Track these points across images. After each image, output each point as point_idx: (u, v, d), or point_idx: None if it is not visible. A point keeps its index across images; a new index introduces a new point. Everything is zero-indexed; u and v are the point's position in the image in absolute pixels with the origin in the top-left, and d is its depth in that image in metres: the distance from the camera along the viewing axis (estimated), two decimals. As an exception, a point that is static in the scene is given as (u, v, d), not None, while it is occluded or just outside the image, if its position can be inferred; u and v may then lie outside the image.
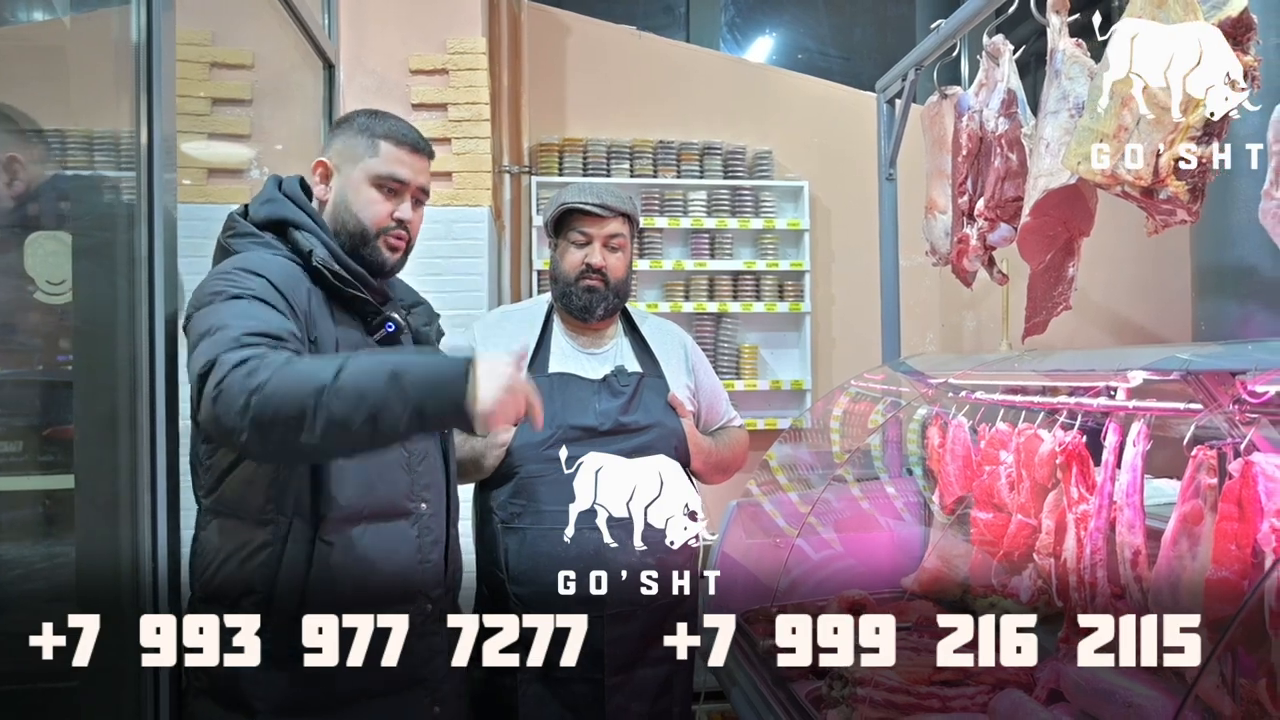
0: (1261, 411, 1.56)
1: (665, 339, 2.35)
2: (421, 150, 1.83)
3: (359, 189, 1.77)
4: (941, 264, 2.82)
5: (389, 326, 1.76)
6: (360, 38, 3.49)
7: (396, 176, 1.78)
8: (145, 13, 1.56)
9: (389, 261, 1.80)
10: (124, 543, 1.53)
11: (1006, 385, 2.42)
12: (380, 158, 1.77)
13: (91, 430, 1.61)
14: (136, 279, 1.57)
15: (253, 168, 3.37)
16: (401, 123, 1.84)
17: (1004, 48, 2.39)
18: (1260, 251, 3.43)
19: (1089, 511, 2.00)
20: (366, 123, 1.80)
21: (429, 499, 1.77)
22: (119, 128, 1.63)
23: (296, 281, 1.65)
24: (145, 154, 1.56)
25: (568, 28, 4.66)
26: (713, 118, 4.74)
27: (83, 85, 1.81)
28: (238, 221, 1.74)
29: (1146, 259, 4.67)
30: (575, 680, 2.02)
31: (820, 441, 3.43)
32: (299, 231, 1.72)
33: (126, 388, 1.57)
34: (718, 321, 4.62)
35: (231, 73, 3.34)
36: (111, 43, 1.58)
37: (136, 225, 1.56)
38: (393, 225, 1.78)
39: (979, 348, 4.91)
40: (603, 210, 2.20)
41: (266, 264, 1.63)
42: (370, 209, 1.77)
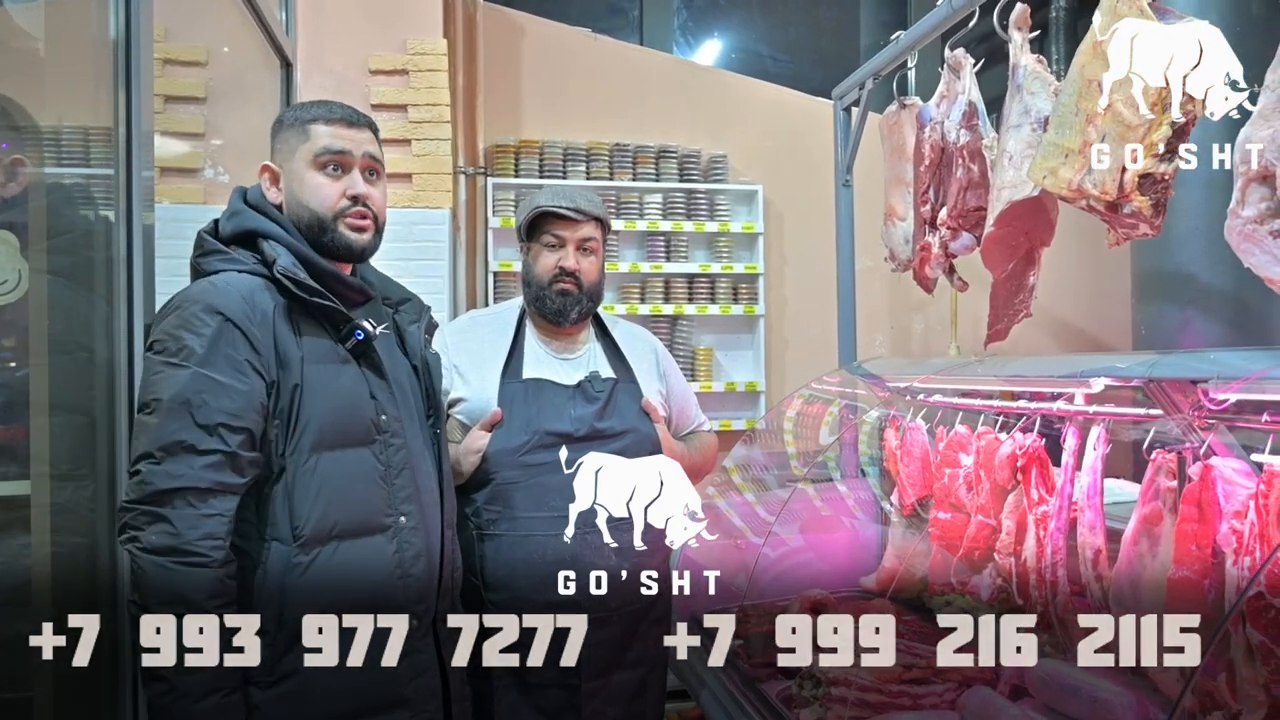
0: (1219, 418, 1.63)
1: (637, 344, 2.37)
2: (356, 122, 1.76)
3: (303, 178, 1.72)
4: (901, 270, 2.88)
5: (358, 335, 1.72)
6: (319, 36, 3.46)
7: (333, 149, 1.72)
8: (124, 5, 1.53)
9: (356, 243, 1.74)
10: (101, 551, 1.51)
11: (964, 390, 2.49)
12: (313, 138, 1.72)
13: (62, 432, 1.57)
14: (114, 279, 1.54)
15: (207, 167, 3.31)
16: (330, 103, 1.77)
17: (965, 60, 2.45)
18: (1199, 259, 3.57)
19: (1049, 512, 2.07)
20: (295, 114, 1.76)
21: (409, 511, 1.72)
22: (96, 123, 1.60)
23: (259, 306, 1.62)
24: (124, 150, 1.53)
25: (523, 29, 4.66)
26: (668, 121, 4.78)
27: (58, 78, 1.77)
28: (206, 240, 1.70)
29: (1086, 264, 4.82)
30: (552, 686, 2.03)
31: (779, 444, 3.48)
32: (266, 241, 1.68)
33: (104, 389, 1.55)
34: (673, 324, 4.66)
35: (185, 70, 3.28)
36: (90, 35, 1.55)
37: (115, 226, 1.54)
38: (348, 204, 1.72)
39: (927, 350, 5.01)
40: (576, 214, 2.21)
41: (225, 295, 1.60)
42: (318, 193, 1.72)
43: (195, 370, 1.53)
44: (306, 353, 1.65)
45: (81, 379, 1.61)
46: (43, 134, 1.66)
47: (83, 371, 1.60)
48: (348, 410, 1.68)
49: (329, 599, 1.57)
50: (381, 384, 1.74)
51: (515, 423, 2.13)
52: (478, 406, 2.15)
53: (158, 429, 1.50)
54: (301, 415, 1.61)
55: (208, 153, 3.30)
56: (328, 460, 1.63)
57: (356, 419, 1.68)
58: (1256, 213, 1.41)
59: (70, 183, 1.74)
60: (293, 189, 1.74)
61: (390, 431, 1.72)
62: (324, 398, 1.64)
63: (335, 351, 1.70)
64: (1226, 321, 3.53)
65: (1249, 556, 1.47)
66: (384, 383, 1.75)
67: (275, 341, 1.62)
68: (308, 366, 1.64)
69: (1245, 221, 1.43)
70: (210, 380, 1.54)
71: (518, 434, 2.12)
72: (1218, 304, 3.56)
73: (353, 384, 1.70)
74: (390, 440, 1.72)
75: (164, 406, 1.51)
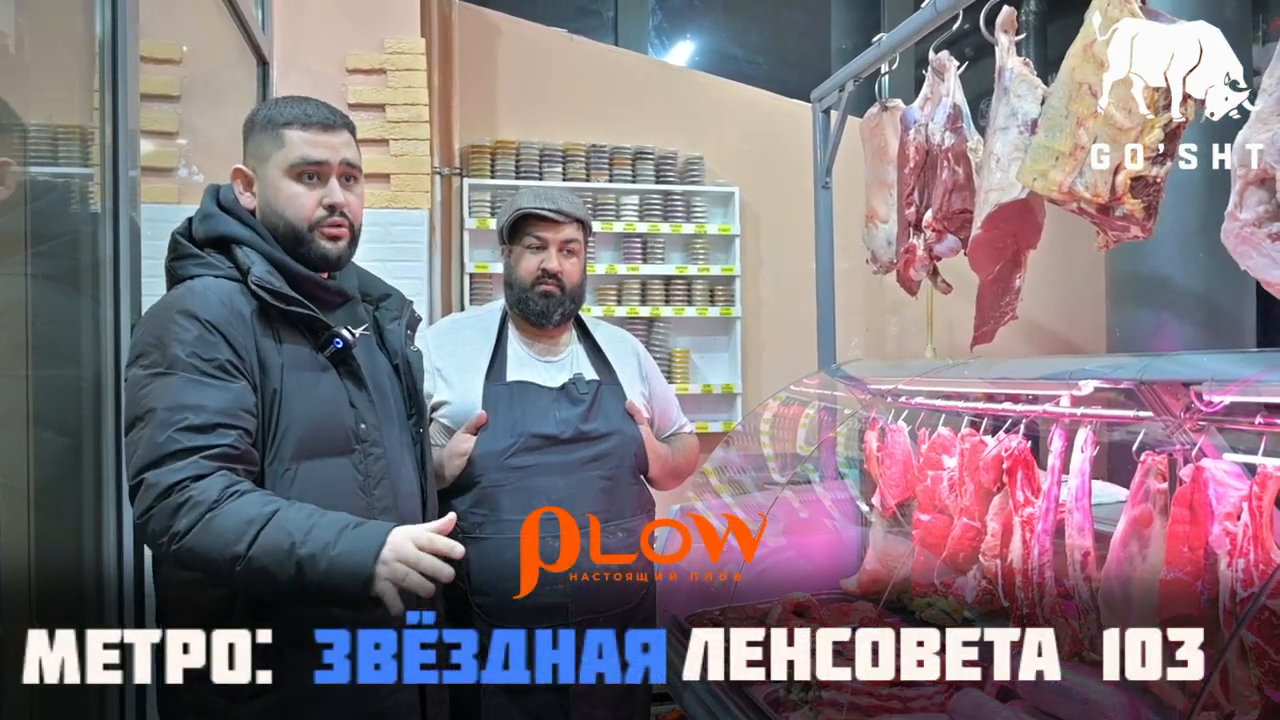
0: (1211, 420, 1.64)
1: (619, 346, 2.36)
2: (334, 125, 1.70)
3: (278, 187, 1.67)
4: (882, 272, 2.89)
5: (336, 343, 1.68)
6: (295, 34, 3.41)
7: (310, 159, 1.66)
8: (110, 2, 1.49)
9: (331, 253, 1.70)
10: (87, 556, 1.47)
11: (950, 392, 2.49)
12: (288, 146, 1.65)
13: (50, 434, 1.53)
14: (101, 279, 1.51)
15: (181, 166, 3.25)
16: (306, 102, 1.71)
17: (949, 63, 2.46)
18: (1173, 262, 3.61)
19: (1035, 514, 2.07)
20: (268, 114, 1.69)
21: (388, 520, 1.67)
22: (79, 122, 1.56)
23: (237, 310, 1.59)
24: (110, 150, 1.50)
25: (498, 29, 4.63)
26: (644, 122, 4.77)
27: (41, 78, 1.73)
28: (180, 243, 1.66)
29: (1058, 268, 4.85)
30: (540, 689, 2.01)
31: (759, 447, 3.48)
32: (240, 248, 1.64)
33: (90, 392, 1.51)
34: (649, 326, 4.65)
35: (159, 67, 3.21)
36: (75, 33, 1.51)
37: (101, 225, 1.50)
38: (324, 214, 1.67)
39: (902, 352, 5.04)
40: (558, 215, 2.20)
41: (205, 300, 1.57)
42: (294, 204, 1.66)
43: (182, 376, 1.50)
44: (286, 360, 1.62)
45: (67, 383, 1.56)
46: (28, 133, 1.61)
47: (69, 375, 1.56)
48: (327, 419, 1.65)
49: (309, 611, 1.53)
50: (360, 393, 1.71)
51: (500, 425, 2.11)
52: (461, 410, 2.13)
53: (153, 438, 1.46)
54: (280, 423, 1.59)
55: (182, 152, 3.24)
56: (306, 469, 1.60)
57: (336, 428, 1.66)
58: (1255, 216, 1.42)
59: (56, 182, 1.69)
60: (267, 196, 1.68)
61: (369, 441, 1.69)
62: (303, 406, 1.61)
63: (314, 359, 1.67)
64: (1200, 324, 3.58)
65: (1243, 558, 1.48)
66: (363, 391, 1.72)
67: (256, 346, 1.59)
68: (287, 374, 1.61)
69: (1243, 225, 1.44)
70: (199, 384, 1.50)
71: (503, 437, 2.10)
72: (1191, 306, 3.61)
73: (332, 392, 1.67)
74: (369, 450, 1.69)
75: (157, 417, 1.47)
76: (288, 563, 1.41)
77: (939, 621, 2.63)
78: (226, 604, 1.53)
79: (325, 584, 1.42)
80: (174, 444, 1.45)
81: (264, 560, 1.41)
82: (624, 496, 2.19)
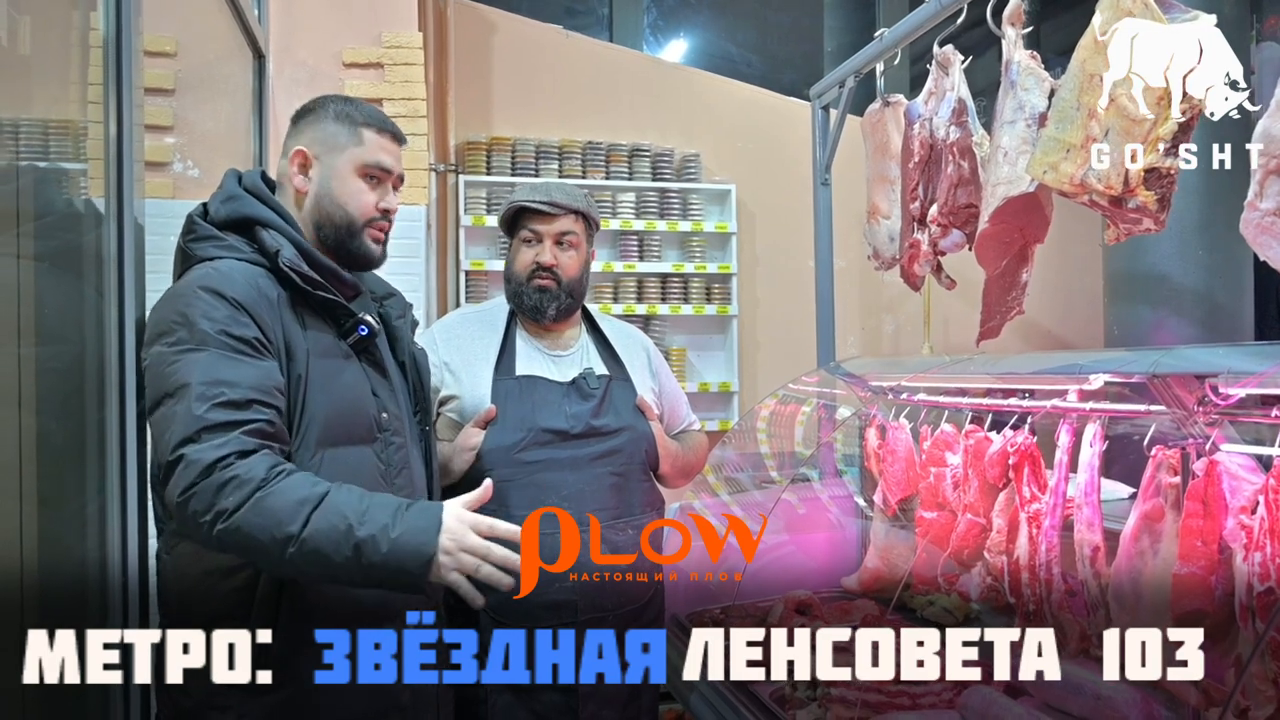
0: (1225, 414, 1.63)
1: (628, 342, 2.34)
2: (400, 138, 1.79)
3: (345, 179, 1.71)
4: (885, 268, 2.87)
5: (361, 330, 1.69)
6: (291, 27, 3.38)
7: (383, 165, 1.73)
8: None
9: (375, 253, 1.76)
10: (90, 554, 1.44)
11: (954, 388, 2.48)
12: (365, 146, 1.72)
13: (56, 430, 1.50)
14: (105, 277, 1.48)
15: (176, 160, 3.22)
16: (378, 109, 1.80)
17: (954, 58, 2.45)
18: (1171, 259, 3.61)
19: (1042, 510, 2.06)
20: (343, 109, 1.74)
21: None
22: (80, 118, 1.53)
23: (263, 292, 1.57)
24: (114, 146, 1.47)
25: (494, 25, 4.60)
26: (641, 119, 4.75)
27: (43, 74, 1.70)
28: (198, 224, 1.64)
29: (1054, 265, 4.86)
30: (547, 689, 1.99)
31: (758, 445, 3.46)
32: (266, 230, 1.63)
33: (94, 383, 1.48)
34: (646, 324, 4.63)
35: (153, 60, 3.18)
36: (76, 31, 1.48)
37: (105, 223, 1.47)
38: (378, 216, 1.74)
39: (898, 350, 5.03)
40: (551, 207, 2.18)
41: (230, 279, 1.55)
42: (357, 199, 1.72)
43: (214, 352, 1.47)
44: (311, 345, 1.61)
45: (70, 373, 1.53)
46: (31, 126, 1.58)
47: (72, 366, 1.53)
48: (350, 407, 1.64)
49: (329, 603, 1.53)
50: (382, 381, 1.71)
51: (510, 420, 2.09)
52: (470, 404, 2.11)
53: (190, 412, 1.42)
54: (306, 410, 1.57)
55: (177, 146, 3.21)
56: (331, 457, 1.58)
57: (359, 416, 1.65)
58: (1276, 205, 1.41)
59: (57, 175, 1.66)
60: (330, 185, 1.71)
61: (391, 430, 1.69)
62: (328, 393, 1.60)
63: (337, 346, 1.67)
64: (1198, 321, 3.58)
65: (1259, 552, 1.47)
66: (385, 380, 1.72)
67: (282, 330, 1.58)
68: (312, 360, 1.60)
69: (1264, 214, 1.43)
70: (233, 360, 1.48)
71: (513, 431, 2.08)
72: (1189, 304, 3.61)
73: (355, 380, 1.66)
74: (391, 439, 1.68)
75: (193, 391, 1.43)
76: (345, 545, 1.39)
77: (940, 619, 2.63)
78: (245, 595, 1.50)
79: (386, 566, 1.40)
80: (213, 417, 1.42)
81: (319, 541, 1.39)
82: (634, 493, 2.17)
